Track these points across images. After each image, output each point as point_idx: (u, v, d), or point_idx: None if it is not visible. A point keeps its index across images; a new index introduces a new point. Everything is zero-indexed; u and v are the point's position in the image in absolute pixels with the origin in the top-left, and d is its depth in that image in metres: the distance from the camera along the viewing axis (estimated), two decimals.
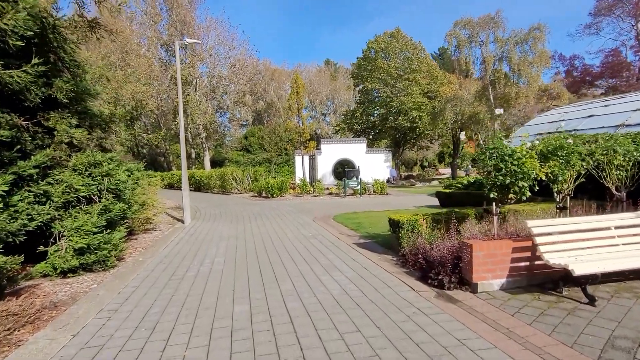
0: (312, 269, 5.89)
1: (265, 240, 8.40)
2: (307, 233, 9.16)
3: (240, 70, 35.94)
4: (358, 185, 19.03)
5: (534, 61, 20.74)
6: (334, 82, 66.85)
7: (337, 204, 16.26)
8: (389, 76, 35.07)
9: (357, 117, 38.88)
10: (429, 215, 6.51)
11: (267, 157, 46.34)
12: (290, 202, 17.30)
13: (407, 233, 6.27)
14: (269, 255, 6.96)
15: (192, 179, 29.58)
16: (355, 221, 10.47)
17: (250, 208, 15.37)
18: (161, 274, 6.02)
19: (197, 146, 40.73)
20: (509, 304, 4.15)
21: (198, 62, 34.16)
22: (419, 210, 12.49)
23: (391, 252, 6.82)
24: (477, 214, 6.68)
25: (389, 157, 32.73)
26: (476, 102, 23.21)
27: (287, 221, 11.36)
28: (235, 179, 24.76)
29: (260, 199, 19.54)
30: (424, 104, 33.43)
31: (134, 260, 7.02)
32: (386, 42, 35.81)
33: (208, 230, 10.34)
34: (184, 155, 12.40)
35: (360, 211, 13.03)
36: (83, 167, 6.27)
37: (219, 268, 6.14)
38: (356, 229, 9.31)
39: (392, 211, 12.24)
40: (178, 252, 7.65)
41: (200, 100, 34.65)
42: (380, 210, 12.87)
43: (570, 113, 13.56)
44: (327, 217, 11.83)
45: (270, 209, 14.90)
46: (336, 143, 32.25)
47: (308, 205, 15.67)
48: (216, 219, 12.70)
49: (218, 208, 15.89)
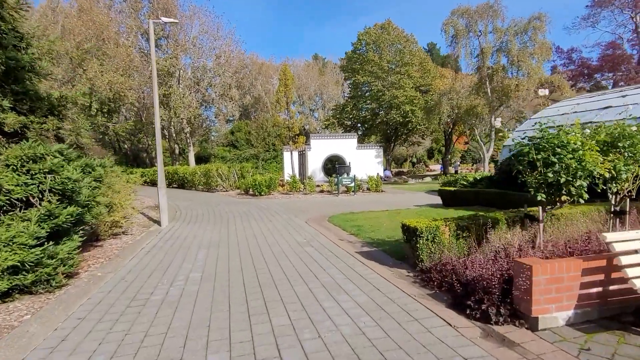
0: (311, 290, 4.67)
1: (253, 249, 7.15)
2: (300, 239, 7.94)
3: (225, 62, 34.33)
4: (352, 182, 17.88)
5: (535, 52, 19.83)
6: (323, 77, 65.57)
7: (330, 202, 15.08)
8: (381, 69, 33.97)
9: (347, 112, 37.72)
10: (452, 221, 5.36)
11: (254, 152, 44.87)
12: (280, 201, 16.05)
13: (427, 243, 5.11)
14: (257, 269, 5.73)
15: (175, 176, 28.10)
16: (354, 223, 9.29)
17: (236, 207, 14.07)
18: (119, 297, 4.74)
19: (181, 141, 39.03)
20: (593, 353, 3.01)
21: (181, 52, 32.43)
22: (421, 210, 11.39)
23: (405, 264, 5.66)
24: (508, 219, 5.55)
25: (380, 153, 31.72)
26: (473, 96, 22.25)
27: (277, 223, 10.12)
28: (221, 176, 23.36)
29: (247, 197, 18.24)
30: (417, 98, 32.46)
31: (90, 277, 5.71)
32: (377, 34, 34.68)
33: (187, 234, 9.04)
34: (159, 148, 11.02)
35: (357, 211, 11.86)
36: (18, 161, 4.92)
37: (193, 289, 4.88)
38: (357, 234, 8.12)
39: (393, 211, 11.13)
40: (147, 264, 6.35)
41: (184, 93, 32.98)
42: (379, 210, 11.73)
43: (582, 104, 12.61)
44: (322, 219, 10.63)
45: (258, 208, 13.63)
46: (326, 138, 31.07)
47: (299, 205, 14.44)
48: (197, 220, 11.38)
49: (201, 207, 14.55)
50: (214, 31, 33.79)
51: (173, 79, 32.86)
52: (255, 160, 45.05)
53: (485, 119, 22.53)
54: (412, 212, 11.05)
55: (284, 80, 26.19)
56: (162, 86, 32.10)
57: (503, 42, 20.83)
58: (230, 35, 34.73)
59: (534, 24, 19.89)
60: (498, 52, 21.07)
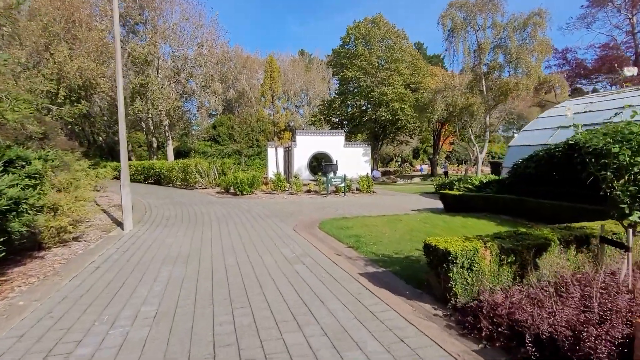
0: (308, 341, 3.31)
1: (230, 267, 5.74)
2: (289, 253, 6.57)
3: (208, 52, 32.49)
4: (342, 182, 16.56)
5: (535, 49, 18.92)
6: (309, 74, 64.23)
7: (319, 204, 13.73)
8: (370, 65, 32.77)
9: (335, 108, 36.40)
10: (491, 241, 4.08)
11: (237, 148, 43.13)
12: (264, 202, 14.61)
13: (462, 272, 3.84)
14: (234, 300, 4.33)
15: (151, 171, 26.30)
16: (350, 232, 7.97)
17: (214, 209, 12.57)
18: (31, 347, 3.29)
19: (160, 135, 36.99)
20: None
21: (160, 40, 30.45)
22: (423, 216, 10.14)
23: (427, 295, 4.37)
24: (561, 239, 4.31)
25: (368, 152, 30.54)
26: (468, 94, 21.24)
27: (261, 230, 8.71)
28: (200, 172, 21.74)
29: (228, 196, 16.72)
30: (407, 96, 31.42)
31: (7, 307, 4.24)
32: (367, 28, 33.46)
33: (152, 242, 7.55)
34: (122, 139, 9.41)
35: (350, 216, 10.55)
36: None
37: (139, 337, 3.46)
38: (356, 247, 6.80)
39: (392, 217, 9.86)
40: (90, 287, 4.89)
41: (163, 84, 31.03)
42: (375, 216, 10.45)
43: (595, 104, 11.63)
44: (312, 225, 9.28)
45: (240, 210, 12.17)
46: (312, 135, 29.68)
47: (285, 207, 13.04)
48: (168, 223, 9.87)
49: (175, 207, 12.99)
50: (195, 19, 31.89)
51: (151, 68, 30.86)
52: (238, 156, 43.29)
53: (480, 118, 21.58)
54: (414, 218, 9.81)
55: (269, 72, 24.61)
56: (138, 75, 30.10)
57: (502, 38, 19.88)
58: (214, 24, 32.89)
59: (534, 20, 18.98)
60: (496, 48, 20.09)
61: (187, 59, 32.36)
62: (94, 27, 25.93)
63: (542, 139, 12.16)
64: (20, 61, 22.38)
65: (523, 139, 13.26)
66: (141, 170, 27.55)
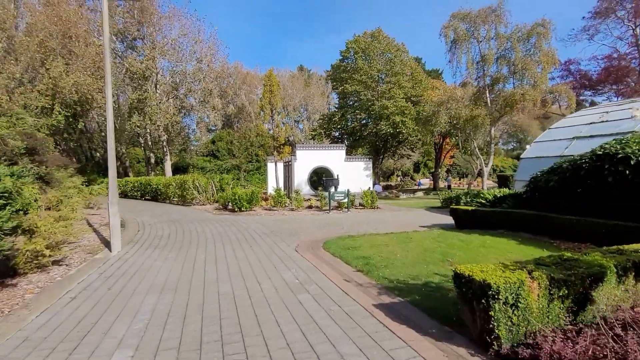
0: None
1: (224, 299, 5.00)
2: (291, 278, 5.84)
3: (207, 67, 32.21)
4: (345, 197, 15.85)
5: (540, 60, 18.48)
6: (308, 89, 64.40)
7: (322, 221, 13.01)
8: (370, 78, 32.45)
9: (335, 122, 35.94)
10: (539, 270, 3.38)
11: (236, 163, 42.57)
12: (263, 219, 13.89)
13: (506, 309, 3.13)
14: (226, 348, 3.59)
15: (148, 187, 25.65)
16: (359, 253, 7.25)
17: (210, 227, 11.85)
18: None
19: (158, 150, 36.45)
20: None
21: (159, 55, 30.18)
22: (435, 233, 9.40)
23: (458, 335, 3.64)
24: (618, 266, 3.62)
25: (370, 166, 29.93)
26: (472, 105, 20.71)
27: (259, 251, 7.99)
28: (197, 188, 21.08)
29: (226, 212, 16.02)
30: (408, 109, 30.98)
31: None
32: (367, 42, 33.27)
33: (139, 267, 6.83)
34: (111, 152, 8.75)
35: (356, 234, 9.83)
36: None
37: None
38: (366, 270, 6.08)
39: (401, 235, 9.14)
40: (58, 326, 4.16)
41: (161, 99, 30.64)
42: (383, 234, 9.73)
43: (612, 113, 11.04)
44: (315, 244, 8.56)
45: (237, 228, 11.45)
46: (312, 149, 29.13)
47: (286, 224, 12.31)
48: (160, 244, 9.15)
49: (170, 226, 12.28)
50: (194, 34, 31.70)
51: (149, 83, 30.50)
52: (237, 171, 42.69)
53: (484, 131, 21.02)
54: (425, 236, 9.08)
55: (269, 86, 24.17)
56: (136, 90, 29.71)
57: (506, 50, 19.46)
58: (213, 39, 32.67)
59: (538, 30, 18.60)
60: (500, 59, 19.67)
61: (186, 74, 32.03)
62: (91, 42, 25.60)
63: (557, 151, 11.54)
64: (15, 76, 21.95)
65: (536, 151, 12.64)
66: (138, 187, 26.89)
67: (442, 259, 6.51)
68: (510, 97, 18.63)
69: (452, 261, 6.26)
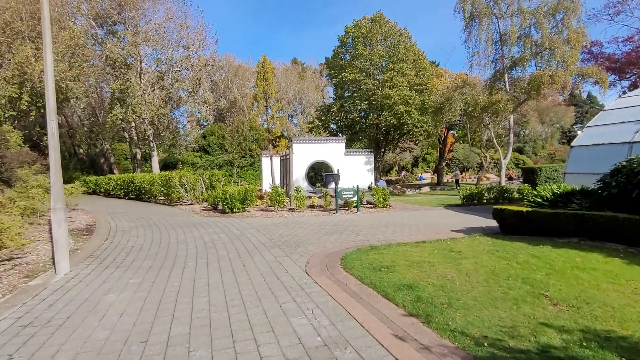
0: None
1: None
2: (307, 334, 3.66)
3: (195, 54, 29.76)
4: (354, 195, 13.66)
5: (570, 37, 16.39)
6: (302, 82, 62.19)
7: (330, 225, 10.84)
8: (372, 65, 30.21)
9: (333, 113, 33.62)
10: None
11: (228, 159, 40.23)
12: (259, 222, 11.67)
13: None
14: None
15: (131, 185, 23.31)
16: (396, 278, 5.09)
17: (195, 234, 9.64)
18: None
19: (145, 145, 33.98)
20: None
21: (142, 42, 27.65)
22: (483, 243, 7.13)
23: None
24: None
25: (371, 160, 27.78)
26: (490, 90, 18.53)
27: (256, 275, 5.81)
28: (184, 186, 18.79)
29: (216, 214, 13.81)
30: (412, 98, 28.82)
31: None
32: (367, 27, 30.94)
33: (80, 304, 4.64)
34: (53, 138, 6.40)
35: (379, 244, 7.68)
36: None
37: None
38: (424, 315, 3.90)
39: (441, 246, 7.00)
40: None
41: (146, 89, 28.17)
42: (414, 243, 7.59)
43: None
44: (331, 261, 6.40)
45: (228, 236, 9.26)
46: (310, 142, 26.84)
47: (288, 230, 10.12)
48: (126, 261, 6.93)
49: (146, 232, 10.08)
50: (181, 19, 29.20)
51: (132, 72, 28.02)
52: (230, 167, 40.37)
53: (501, 119, 18.94)
54: (475, 248, 6.91)
55: (262, 73, 21.85)
56: (117, 80, 27.22)
57: (528, 27, 17.32)
58: (200, 25, 30.17)
59: (566, 5, 16.51)
60: (524, 38, 17.52)
61: (173, 63, 29.55)
62: (66, 26, 23.05)
63: (624, 136, 9.49)
64: None
65: (591, 137, 10.57)
66: (121, 185, 24.53)
67: (531, 291, 4.38)
68: (536, 79, 16.52)
69: (553, 298, 4.13)
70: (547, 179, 15.49)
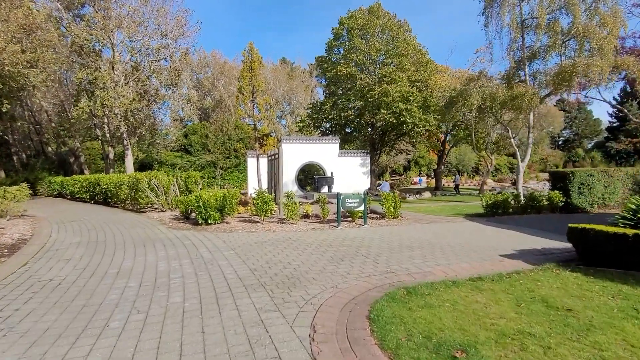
0: None
1: None
2: None
3: (175, 43, 26.88)
4: (361, 204, 11.02)
5: (606, 22, 14.22)
6: (291, 82, 60.00)
7: (335, 246, 8.20)
8: (369, 59, 27.81)
9: (326, 111, 31.07)
10: None
11: (211, 159, 37.27)
12: (240, 240, 8.94)
13: None
14: None
15: (97, 188, 20.38)
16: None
17: (150, 260, 6.91)
18: None
19: (119, 144, 30.84)
20: None
21: (115, 27, 24.66)
22: (585, 284, 4.57)
23: None
24: None
25: (367, 162, 25.37)
26: (505, 84, 16.24)
27: (223, 358, 3.18)
28: (155, 190, 15.98)
29: (187, 226, 11.07)
30: (413, 95, 26.48)
31: None
32: (364, 18, 28.54)
33: None
34: None
35: (413, 281, 5.14)
36: None
37: None
38: None
39: (519, 287, 4.43)
40: None
41: (119, 80, 25.18)
42: (465, 279, 5.07)
43: None
44: (352, 323, 3.79)
45: (193, 264, 6.56)
46: (301, 142, 24.33)
47: (279, 256, 7.41)
48: (19, 310, 4.20)
49: (85, 252, 7.34)
50: (159, 3, 26.28)
51: (102, 61, 25.01)
52: (213, 168, 37.41)
53: (522, 117, 16.68)
54: (577, 295, 4.44)
55: (249, 62, 19.09)
56: (84, 68, 24.18)
57: (558, 8, 15.08)
58: (181, 12, 27.26)
59: None
60: (554, 22, 15.21)
61: (149, 51, 26.60)
62: (20, 4, 20.00)
63: None
64: None
65: None
66: (86, 187, 21.56)
67: None
68: (566, 69, 14.26)
69: None
70: (582, 185, 13.20)
